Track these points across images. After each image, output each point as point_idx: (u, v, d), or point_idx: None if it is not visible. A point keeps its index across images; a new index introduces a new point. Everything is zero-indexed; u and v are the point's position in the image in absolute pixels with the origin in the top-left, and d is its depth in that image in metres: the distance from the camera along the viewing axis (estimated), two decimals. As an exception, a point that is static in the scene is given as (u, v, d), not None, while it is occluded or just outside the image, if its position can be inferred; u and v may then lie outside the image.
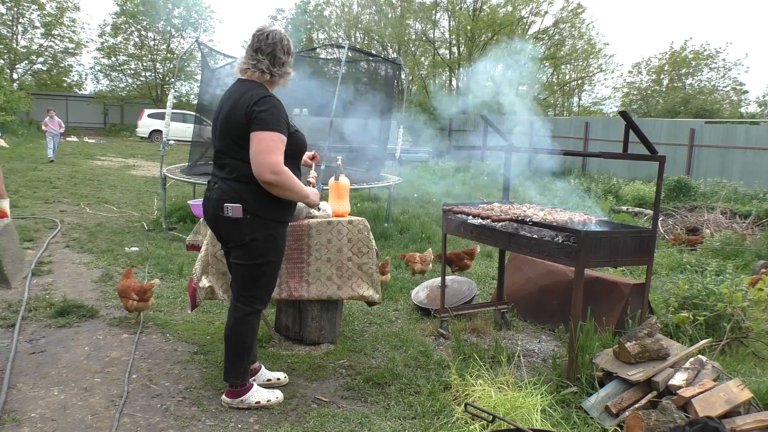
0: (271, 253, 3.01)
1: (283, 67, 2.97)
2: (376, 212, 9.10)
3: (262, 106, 2.80)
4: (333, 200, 3.94)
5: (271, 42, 2.93)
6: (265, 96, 2.85)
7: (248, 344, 3.09)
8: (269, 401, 3.14)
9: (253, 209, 2.90)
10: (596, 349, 3.37)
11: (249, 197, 2.88)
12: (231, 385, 3.13)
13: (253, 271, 3.01)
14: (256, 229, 2.93)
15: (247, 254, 2.98)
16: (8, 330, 4.06)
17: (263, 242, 2.96)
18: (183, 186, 10.87)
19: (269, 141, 2.78)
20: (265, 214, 2.93)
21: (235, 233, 2.95)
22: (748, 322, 4.04)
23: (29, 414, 2.98)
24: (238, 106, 2.85)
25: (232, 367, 3.10)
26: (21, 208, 8.67)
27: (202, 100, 10.12)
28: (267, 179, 2.78)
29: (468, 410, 2.85)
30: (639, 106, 31.52)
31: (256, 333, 3.17)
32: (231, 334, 3.07)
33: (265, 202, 2.91)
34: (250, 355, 3.14)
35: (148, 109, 27.66)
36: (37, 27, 30.92)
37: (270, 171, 2.77)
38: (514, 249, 3.85)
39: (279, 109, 2.85)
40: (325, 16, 34.18)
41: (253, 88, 2.89)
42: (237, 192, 2.89)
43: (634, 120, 3.45)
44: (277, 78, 2.98)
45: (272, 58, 2.93)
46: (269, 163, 2.76)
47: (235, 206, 2.88)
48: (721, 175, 14.15)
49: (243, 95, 2.86)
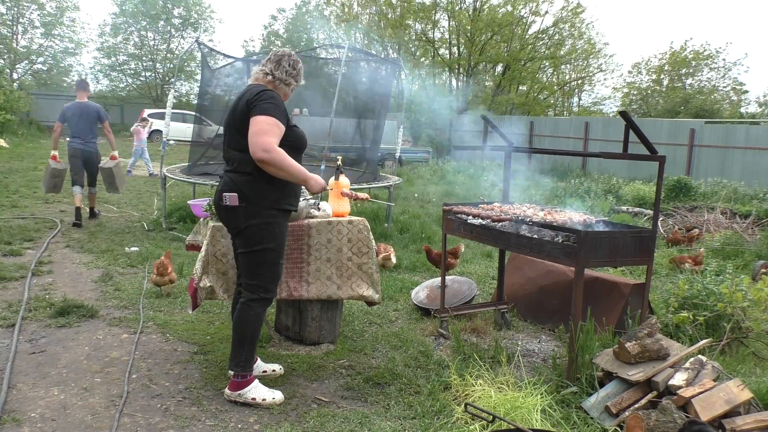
0: (267, 239, 3.13)
1: (285, 74, 3.24)
2: (376, 212, 9.10)
3: (262, 97, 3.05)
4: (333, 200, 3.94)
5: (280, 54, 3.29)
6: (267, 90, 3.11)
7: (250, 332, 3.18)
8: (264, 400, 3.17)
9: (248, 197, 3.08)
10: (596, 349, 3.37)
11: (244, 186, 3.08)
12: (234, 375, 3.20)
13: (253, 258, 3.15)
14: (251, 216, 3.10)
15: (245, 241, 3.15)
16: (8, 330, 4.06)
17: (258, 228, 3.11)
18: (183, 186, 10.87)
19: (264, 123, 2.97)
20: (258, 201, 3.09)
21: (232, 220, 3.15)
22: (748, 322, 4.04)
23: (29, 414, 2.98)
24: (242, 99, 3.11)
25: (233, 354, 3.21)
26: (21, 208, 8.68)
27: (202, 100, 10.13)
28: (259, 157, 2.94)
29: (468, 410, 2.85)
30: (639, 106, 31.50)
31: (260, 323, 3.22)
32: (235, 320, 3.23)
33: (260, 190, 3.09)
34: (253, 346, 3.22)
35: (148, 109, 27.65)
36: (37, 27, 30.91)
37: (262, 149, 2.92)
38: (514, 249, 3.85)
39: (278, 101, 3.09)
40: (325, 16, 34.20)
41: (257, 86, 3.16)
42: (234, 182, 3.10)
43: (634, 120, 3.45)
44: (278, 82, 3.23)
45: (276, 65, 3.24)
46: (262, 141, 2.93)
47: (231, 195, 3.09)
48: (721, 175, 14.14)
49: (248, 91, 3.14)
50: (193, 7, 33.24)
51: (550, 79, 32.30)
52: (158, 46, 33.70)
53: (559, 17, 29.42)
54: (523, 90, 31.10)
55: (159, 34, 33.49)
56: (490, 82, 30.75)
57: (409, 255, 6.87)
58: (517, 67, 29.08)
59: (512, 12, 28.04)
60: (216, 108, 10.09)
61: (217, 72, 9.54)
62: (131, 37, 33.23)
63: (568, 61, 31.65)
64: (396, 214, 9.06)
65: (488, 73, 30.73)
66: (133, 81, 33.28)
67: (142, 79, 33.37)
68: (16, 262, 5.75)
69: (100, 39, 32.91)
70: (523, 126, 21.06)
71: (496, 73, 30.88)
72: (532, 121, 21.35)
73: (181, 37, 33.92)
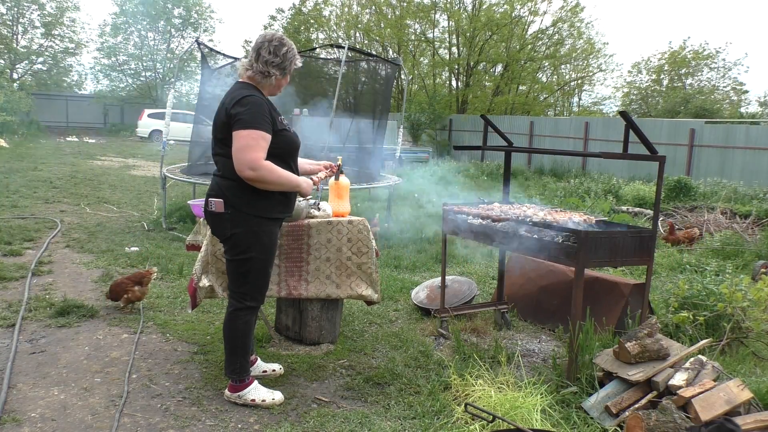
0: (254, 248, 3.03)
1: (265, 65, 2.95)
2: (376, 212, 9.09)
3: (242, 106, 2.86)
4: (333, 200, 3.94)
5: (260, 41, 2.98)
6: (247, 96, 2.90)
7: (241, 340, 3.12)
8: (264, 401, 3.15)
9: (233, 204, 2.97)
10: (596, 349, 3.37)
11: (229, 192, 2.97)
12: (231, 379, 3.18)
13: (239, 266, 3.06)
14: (237, 224, 2.99)
15: (231, 249, 3.06)
16: (8, 330, 4.06)
17: (244, 237, 3.00)
18: (183, 186, 10.86)
19: (248, 138, 2.84)
20: (244, 209, 2.98)
21: (218, 227, 3.06)
22: (748, 322, 4.04)
23: (29, 414, 2.98)
24: (222, 105, 2.96)
25: (227, 362, 3.18)
26: (21, 208, 8.67)
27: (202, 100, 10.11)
28: (246, 175, 2.86)
29: (468, 410, 2.85)
30: (639, 106, 31.50)
31: (249, 330, 3.18)
32: (225, 329, 3.17)
33: (246, 198, 2.97)
34: (246, 351, 3.17)
35: (148, 109, 27.63)
36: (37, 27, 30.92)
37: (248, 167, 2.83)
38: (514, 249, 3.85)
39: (260, 107, 2.89)
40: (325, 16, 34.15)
41: (239, 89, 2.96)
42: (220, 187, 3.00)
43: (634, 120, 3.45)
44: (258, 75, 2.97)
45: (256, 55, 2.96)
46: (248, 159, 2.83)
47: (217, 201, 2.99)
48: (721, 175, 14.14)
49: (228, 95, 2.96)
50: (193, 7, 33.21)
51: (550, 79, 32.28)
52: (158, 46, 33.67)
53: (558, 17, 29.43)
54: (523, 90, 31.09)
55: (159, 34, 33.45)
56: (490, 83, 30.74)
57: (409, 255, 6.87)
58: (517, 67, 29.09)
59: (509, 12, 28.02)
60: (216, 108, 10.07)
61: (217, 72, 9.52)
62: (131, 37, 33.20)
63: (568, 61, 31.64)
64: (396, 214, 9.06)
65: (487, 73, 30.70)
66: (133, 81, 33.24)
67: (142, 79, 33.33)
68: (16, 262, 5.75)
69: (100, 39, 32.91)
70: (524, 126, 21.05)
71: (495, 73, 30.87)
72: (532, 121, 21.35)
73: (181, 37, 33.90)
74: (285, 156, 3.04)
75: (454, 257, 6.94)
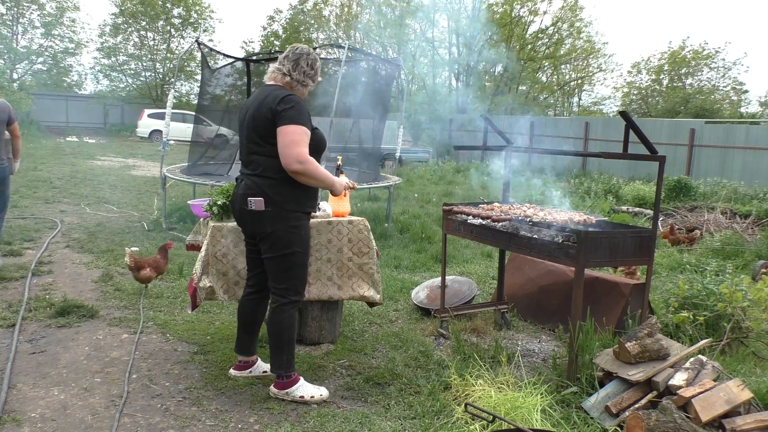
0: (295, 243, 3.16)
1: (303, 75, 3.23)
2: (376, 212, 9.10)
3: (287, 104, 3.04)
4: (333, 200, 3.94)
5: (299, 53, 3.25)
6: (289, 95, 3.10)
7: (287, 335, 3.21)
8: (313, 397, 3.23)
9: (273, 201, 3.10)
10: (596, 349, 3.37)
11: (270, 190, 3.09)
12: (278, 376, 3.24)
13: (281, 262, 3.16)
14: (278, 220, 3.12)
15: (273, 246, 3.15)
16: (8, 330, 4.06)
17: (285, 232, 3.13)
18: (183, 186, 10.86)
19: (294, 134, 3.00)
20: (285, 206, 3.11)
21: (258, 225, 3.15)
22: (748, 322, 4.04)
23: (29, 414, 2.98)
24: (264, 104, 3.08)
25: (273, 358, 3.25)
26: (21, 208, 8.67)
27: (202, 100, 10.11)
28: (294, 169, 3.00)
29: (468, 410, 2.85)
30: (639, 105, 31.50)
31: (294, 324, 3.25)
32: (269, 326, 3.24)
33: (285, 195, 3.11)
34: (292, 346, 3.25)
35: (148, 109, 27.62)
36: (37, 27, 30.87)
37: (296, 161, 2.99)
38: (514, 249, 3.85)
39: (302, 106, 3.11)
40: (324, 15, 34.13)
41: (276, 90, 3.14)
42: (259, 186, 3.11)
43: (634, 120, 3.45)
44: (295, 83, 3.22)
45: (295, 65, 3.22)
46: (295, 153, 2.98)
47: (257, 200, 3.10)
48: (721, 175, 14.13)
49: (268, 95, 3.11)
50: (193, 7, 33.19)
51: (550, 79, 32.29)
52: (158, 46, 33.65)
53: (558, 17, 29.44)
54: (523, 90, 31.09)
55: (159, 34, 33.44)
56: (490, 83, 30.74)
57: (409, 255, 6.87)
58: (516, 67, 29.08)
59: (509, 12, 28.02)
60: (216, 108, 10.07)
61: (217, 72, 9.52)
62: (131, 37, 33.18)
63: (568, 60, 31.65)
64: (396, 214, 9.06)
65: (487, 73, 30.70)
66: (133, 81, 33.22)
67: (142, 79, 33.30)
68: (16, 262, 5.75)
69: (100, 39, 32.88)
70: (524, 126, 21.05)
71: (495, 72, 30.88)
72: (532, 121, 21.34)
73: (181, 37, 33.86)
74: (314, 154, 3.17)
75: (454, 257, 6.94)
